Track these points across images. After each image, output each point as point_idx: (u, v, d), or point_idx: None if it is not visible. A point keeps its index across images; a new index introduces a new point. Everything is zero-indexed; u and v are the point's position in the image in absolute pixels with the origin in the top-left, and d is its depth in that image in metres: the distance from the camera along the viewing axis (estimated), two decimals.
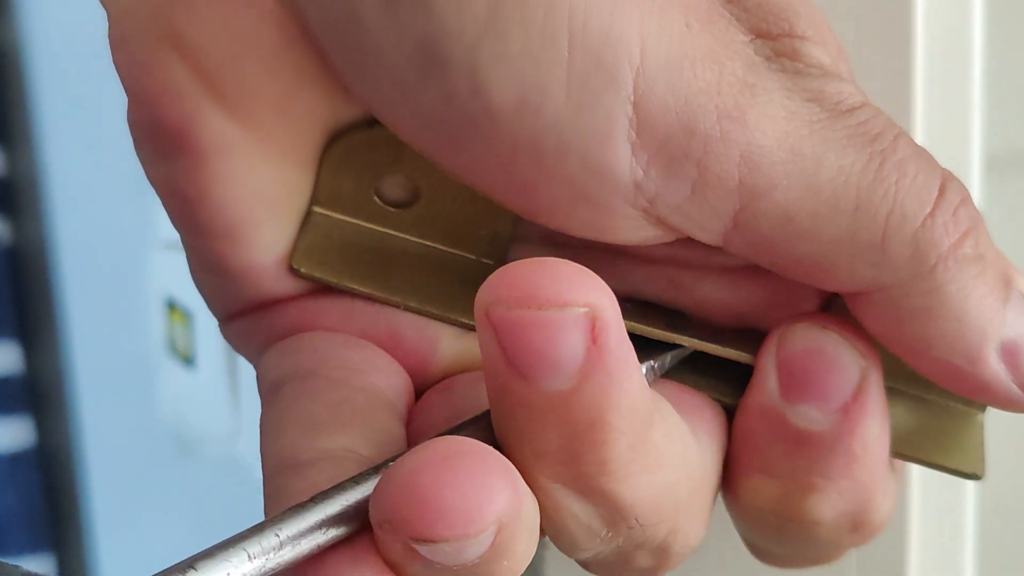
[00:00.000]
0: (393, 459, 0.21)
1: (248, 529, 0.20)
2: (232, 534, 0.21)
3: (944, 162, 0.23)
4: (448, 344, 0.25)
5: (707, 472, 0.24)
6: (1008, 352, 0.22)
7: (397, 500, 0.19)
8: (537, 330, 0.20)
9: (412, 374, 0.25)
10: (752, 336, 0.25)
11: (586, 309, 0.20)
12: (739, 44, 0.22)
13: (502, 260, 0.24)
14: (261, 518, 0.23)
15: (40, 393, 1.04)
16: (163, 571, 0.20)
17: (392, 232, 0.24)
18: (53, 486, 1.04)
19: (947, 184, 0.22)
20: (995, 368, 0.22)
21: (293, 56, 0.23)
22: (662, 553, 0.23)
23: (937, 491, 0.30)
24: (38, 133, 0.98)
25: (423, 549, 0.19)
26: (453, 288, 0.24)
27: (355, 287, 0.24)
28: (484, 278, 0.23)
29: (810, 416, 0.23)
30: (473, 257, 0.25)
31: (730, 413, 0.25)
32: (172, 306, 0.84)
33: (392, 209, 0.24)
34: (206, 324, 0.81)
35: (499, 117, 0.21)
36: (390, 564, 0.20)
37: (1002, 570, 0.33)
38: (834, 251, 0.22)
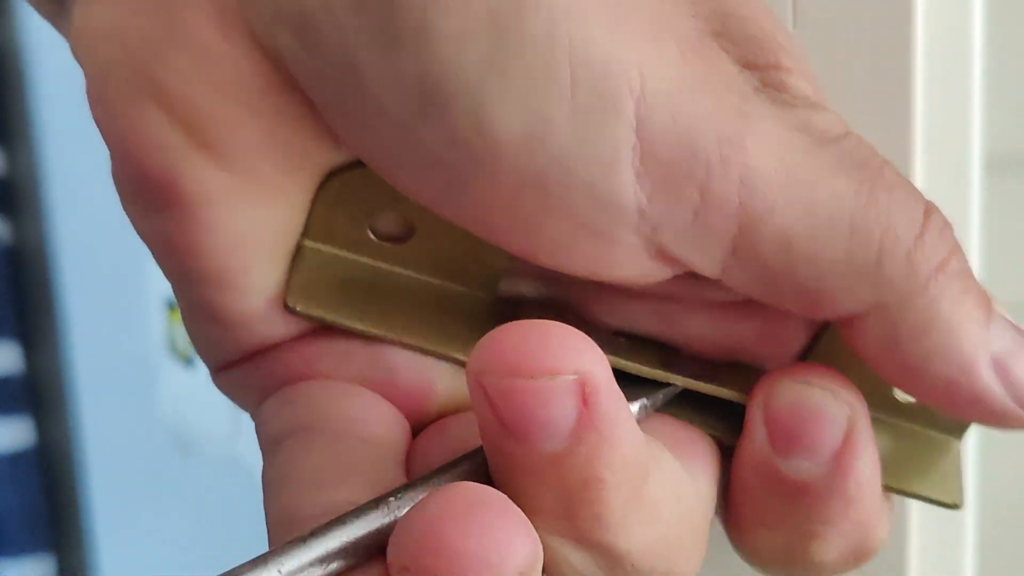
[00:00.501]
0: (394, 494, 0.21)
1: (248, 562, 0.20)
2: (231, 540, 0.21)
3: (944, 162, 0.23)
4: (444, 384, 0.25)
5: (703, 508, 0.24)
6: (998, 365, 0.23)
7: (420, 549, 0.19)
8: (528, 398, 0.20)
9: (409, 414, 0.25)
10: (745, 372, 0.25)
11: (576, 376, 0.20)
12: (731, 74, 0.22)
13: (494, 294, 0.24)
14: (261, 518, 0.23)
15: (40, 393, 1.04)
16: None
17: (386, 266, 0.24)
18: (53, 486, 1.04)
19: (930, 209, 0.22)
20: (989, 380, 0.23)
21: (277, 101, 0.23)
22: None
23: None
24: (38, 133, 0.98)
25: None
26: (448, 323, 0.24)
27: (350, 324, 0.24)
28: (478, 312, 0.23)
29: (803, 468, 0.23)
30: (467, 291, 0.24)
31: (724, 448, 0.25)
32: (172, 306, 0.84)
33: (387, 244, 0.24)
34: None
35: (504, 154, 0.21)
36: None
37: (1002, 571, 0.33)
38: (833, 274, 0.22)
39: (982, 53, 0.29)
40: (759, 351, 0.25)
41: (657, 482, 0.22)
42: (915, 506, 0.30)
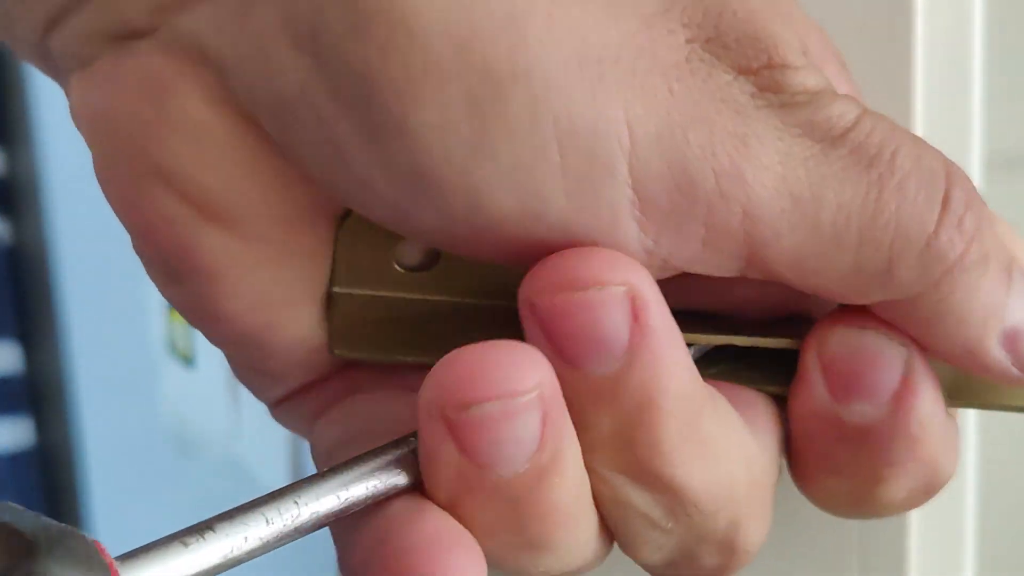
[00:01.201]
0: (415, 434, 0.22)
1: (269, 494, 0.21)
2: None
3: None
4: None
5: (766, 466, 0.24)
6: (1009, 339, 0.23)
7: (442, 376, 0.20)
8: (580, 312, 0.20)
9: None
10: (793, 323, 0.25)
11: (625, 287, 0.20)
12: (724, 90, 0.21)
13: None
14: None
15: (40, 393, 1.04)
16: (182, 531, 0.21)
17: (419, 296, 0.24)
18: (53, 486, 1.04)
19: (951, 191, 0.22)
20: (996, 356, 0.23)
21: (274, 165, 0.23)
22: (727, 549, 0.23)
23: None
24: (38, 133, 0.98)
25: (469, 415, 0.20)
26: (491, 339, 0.24)
27: (398, 359, 0.24)
28: (519, 323, 0.23)
29: (863, 412, 0.23)
30: (504, 303, 0.24)
31: (781, 401, 0.25)
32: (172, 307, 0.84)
33: (415, 274, 0.24)
34: None
35: (503, 228, 0.21)
36: (445, 491, 0.21)
37: (1002, 570, 0.33)
38: (844, 283, 0.22)
39: (982, 53, 0.29)
40: (804, 305, 0.25)
41: (714, 423, 0.22)
42: None
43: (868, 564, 0.31)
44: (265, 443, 0.72)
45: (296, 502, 0.20)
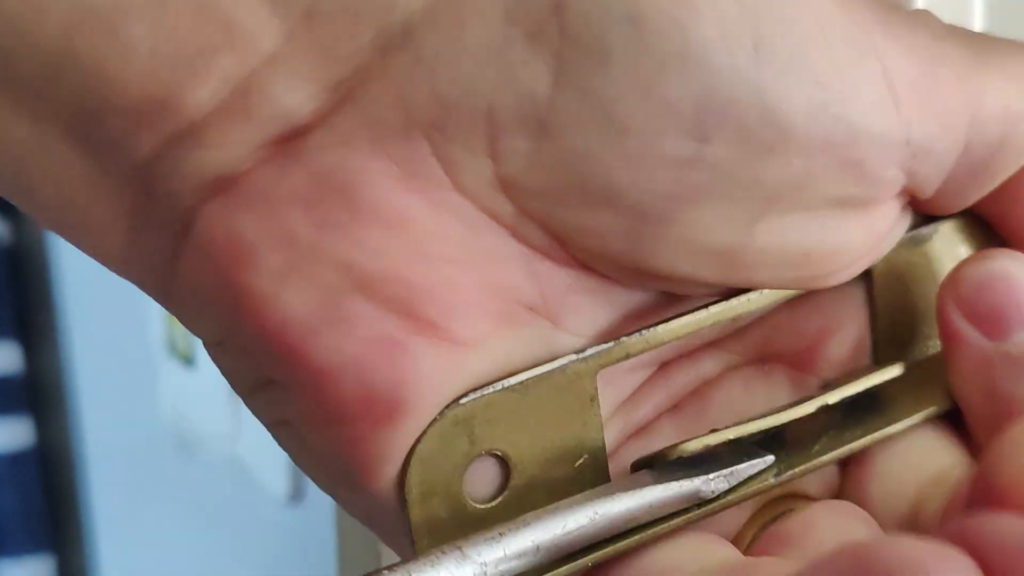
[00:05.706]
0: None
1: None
2: (231, 540, 0.19)
3: None
4: None
5: None
6: None
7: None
8: None
9: None
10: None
11: None
12: None
13: (607, 476, 0.22)
14: (260, 517, 0.22)
15: (40, 393, 1.04)
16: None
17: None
18: (53, 486, 1.04)
19: None
20: None
21: (488, 246, 0.20)
22: None
23: None
24: None
25: None
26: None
27: None
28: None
29: None
30: (581, 489, 0.21)
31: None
32: None
33: (493, 503, 0.21)
34: None
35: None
36: None
37: None
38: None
39: None
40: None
41: None
42: None
43: None
44: (265, 443, 0.71)
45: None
